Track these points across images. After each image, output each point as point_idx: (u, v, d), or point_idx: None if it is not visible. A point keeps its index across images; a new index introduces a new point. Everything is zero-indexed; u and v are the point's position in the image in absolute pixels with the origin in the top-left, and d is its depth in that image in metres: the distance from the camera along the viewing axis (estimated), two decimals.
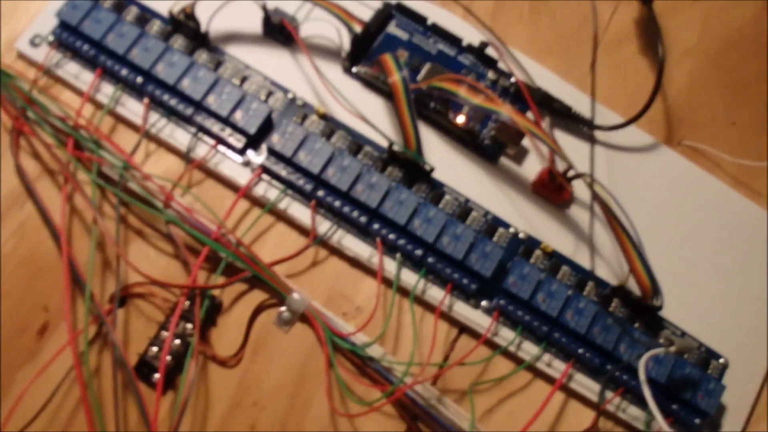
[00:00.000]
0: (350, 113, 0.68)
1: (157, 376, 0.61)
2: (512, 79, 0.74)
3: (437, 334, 0.65)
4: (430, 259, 0.66)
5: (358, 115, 0.67)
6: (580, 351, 0.65)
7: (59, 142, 0.66)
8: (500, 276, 0.66)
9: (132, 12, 0.72)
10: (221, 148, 0.68)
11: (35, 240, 0.65)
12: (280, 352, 0.65)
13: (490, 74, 0.74)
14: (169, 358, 0.61)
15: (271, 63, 0.72)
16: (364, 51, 0.73)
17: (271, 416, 0.63)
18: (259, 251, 0.66)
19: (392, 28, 0.75)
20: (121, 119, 0.69)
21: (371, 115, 0.69)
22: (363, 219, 0.66)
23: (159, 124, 0.68)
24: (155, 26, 0.71)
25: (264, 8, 0.70)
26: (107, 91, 0.69)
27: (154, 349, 0.62)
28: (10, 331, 0.62)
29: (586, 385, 0.66)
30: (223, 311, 0.65)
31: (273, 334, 0.65)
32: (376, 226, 0.66)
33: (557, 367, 0.66)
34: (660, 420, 0.60)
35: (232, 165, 0.68)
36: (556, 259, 0.69)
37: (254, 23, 0.72)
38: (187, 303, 0.63)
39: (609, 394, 0.65)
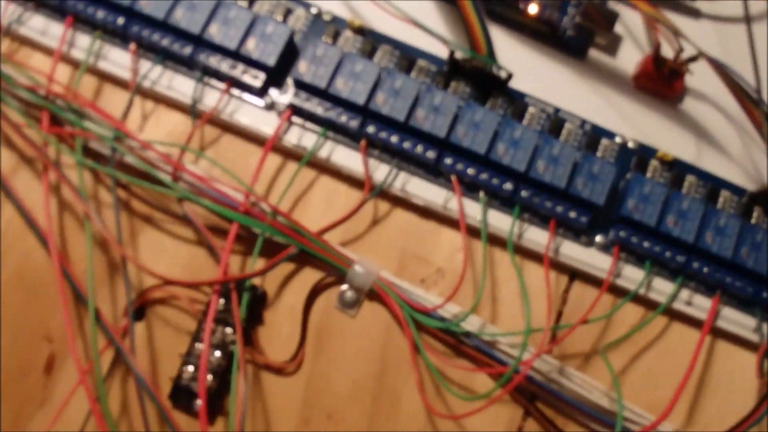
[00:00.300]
0: (395, 18, 0.54)
1: (199, 402, 0.48)
2: None
3: (540, 286, 0.52)
4: (523, 193, 0.52)
5: (406, 18, 0.53)
6: (728, 280, 0.52)
7: (32, 120, 0.52)
8: (614, 201, 0.53)
9: None
10: (235, 91, 0.54)
11: (21, 251, 0.53)
12: (350, 343, 0.52)
13: None
14: (210, 377, 0.49)
15: None
16: None
17: (351, 427, 0.51)
18: (302, 218, 0.53)
19: None
20: (105, 76, 0.55)
21: (421, 20, 0.54)
22: (431, 154, 0.52)
23: (153, 73, 0.55)
24: None
25: None
26: (83, 43, 0.55)
27: (190, 368, 0.49)
28: (12, 373, 0.51)
29: (736, 320, 0.53)
30: (270, 303, 0.52)
31: (337, 321, 0.52)
32: (448, 160, 0.52)
33: (700, 304, 0.53)
34: None
35: (252, 111, 0.54)
36: (677, 169, 0.55)
37: None
38: (222, 301, 0.50)
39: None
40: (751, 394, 0.52)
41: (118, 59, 0.55)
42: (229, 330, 0.49)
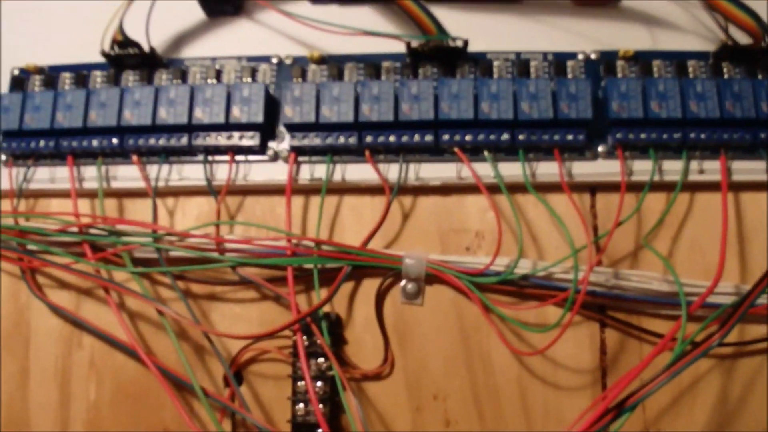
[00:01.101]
0: (346, 35, 0.55)
1: (321, 430, 0.51)
2: None
3: (569, 210, 0.54)
4: (521, 137, 0.55)
5: (356, 32, 0.55)
6: (725, 136, 0.54)
7: (77, 256, 0.54)
8: (601, 110, 0.55)
9: (66, 78, 0.60)
10: (240, 157, 0.57)
11: (113, 370, 0.56)
12: (429, 328, 0.55)
13: None
14: (321, 406, 0.51)
15: (235, 40, 0.61)
16: None
17: (459, 399, 0.54)
18: (343, 239, 0.56)
19: None
20: (122, 194, 0.58)
21: (367, 28, 0.57)
22: (428, 137, 0.55)
23: (162, 173, 0.57)
24: (98, 77, 0.60)
25: None
26: (91, 173, 0.57)
27: (301, 406, 0.52)
28: None
29: (748, 169, 0.56)
30: (346, 323, 0.55)
31: (409, 313, 0.55)
32: (446, 136, 0.55)
33: (711, 167, 0.55)
34: None
35: (261, 167, 0.57)
36: (642, 59, 0.58)
37: (192, 11, 0.61)
38: (305, 338, 0.52)
39: None
40: None
41: (127, 174, 0.57)
42: (321, 360, 0.52)
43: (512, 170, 0.55)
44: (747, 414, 0.52)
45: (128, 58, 0.58)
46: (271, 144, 0.57)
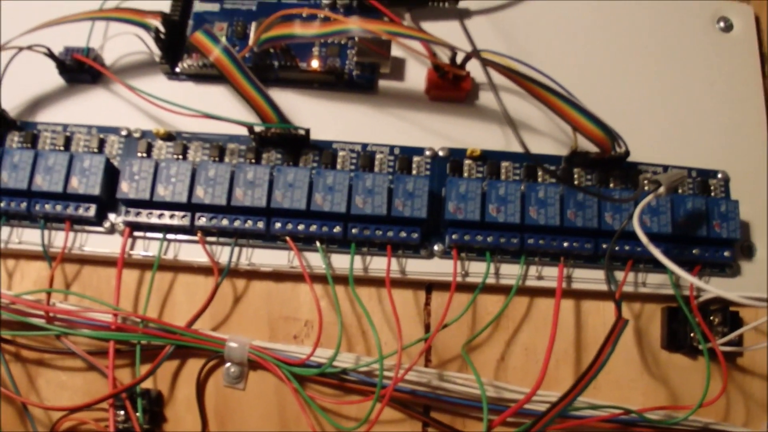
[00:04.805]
0: (192, 117, 0.59)
1: None
2: None
3: (402, 306, 0.58)
4: (353, 230, 0.57)
5: (201, 114, 0.59)
6: (565, 245, 0.57)
7: None
8: (440, 208, 0.58)
9: None
10: (78, 225, 0.60)
11: None
12: (250, 412, 0.58)
13: None
14: None
15: (89, 108, 0.64)
16: (179, 45, 0.64)
17: None
18: (172, 317, 0.59)
19: (199, 5, 0.66)
20: None
21: (219, 108, 0.61)
22: (260, 224, 0.58)
23: (3, 235, 0.60)
24: None
25: (50, 54, 0.61)
26: None
27: None
28: None
29: (589, 277, 0.59)
30: (167, 401, 0.58)
31: (230, 396, 0.58)
32: (278, 224, 0.58)
33: (550, 274, 0.58)
34: (683, 273, 0.51)
35: (97, 239, 0.60)
36: (491, 160, 0.61)
37: (50, 75, 0.64)
38: (121, 413, 0.55)
39: (619, 275, 0.58)
40: (629, 337, 0.58)
41: None
42: None
43: (346, 262, 0.57)
44: None
45: None
46: (111, 216, 0.59)
